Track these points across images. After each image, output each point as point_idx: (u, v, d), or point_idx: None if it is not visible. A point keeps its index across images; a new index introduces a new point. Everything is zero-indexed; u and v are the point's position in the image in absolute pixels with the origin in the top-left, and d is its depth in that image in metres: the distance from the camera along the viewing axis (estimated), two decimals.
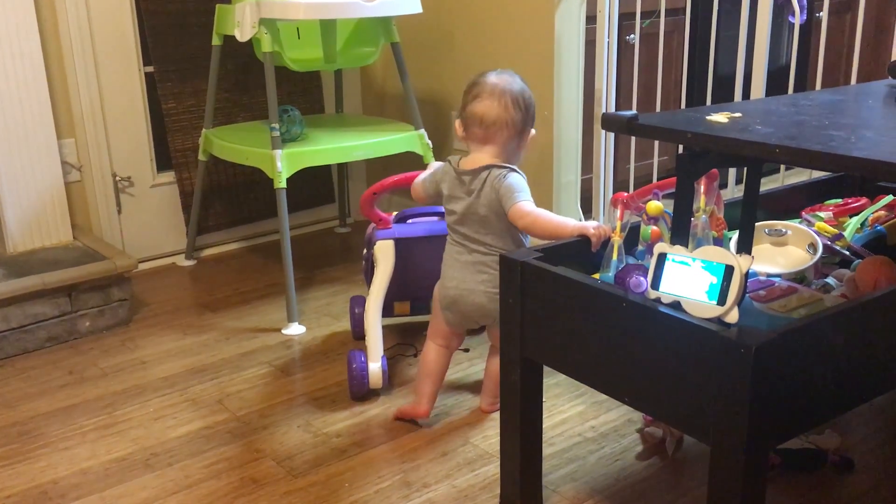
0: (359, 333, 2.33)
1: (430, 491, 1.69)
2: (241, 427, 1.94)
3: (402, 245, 2.08)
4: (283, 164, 2.40)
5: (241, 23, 2.42)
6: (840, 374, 1.24)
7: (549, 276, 1.37)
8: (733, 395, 1.11)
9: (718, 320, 1.16)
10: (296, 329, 2.44)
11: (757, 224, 1.58)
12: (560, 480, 1.71)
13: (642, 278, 1.27)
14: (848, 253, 1.68)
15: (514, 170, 1.73)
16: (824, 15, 2.24)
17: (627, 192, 1.59)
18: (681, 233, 1.32)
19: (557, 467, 1.75)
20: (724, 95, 2.40)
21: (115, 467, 1.80)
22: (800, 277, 1.57)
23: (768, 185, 1.97)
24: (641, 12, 2.55)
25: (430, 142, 2.69)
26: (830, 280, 1.58)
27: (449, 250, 1.82)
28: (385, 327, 2.13)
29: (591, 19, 2.58)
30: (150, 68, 2.90)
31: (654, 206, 1.48)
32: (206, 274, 2.93)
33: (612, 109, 2.62)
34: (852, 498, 1.63)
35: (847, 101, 1.58)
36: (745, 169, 1.43)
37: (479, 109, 1.72)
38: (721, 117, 1.33)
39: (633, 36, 2.63)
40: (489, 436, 1.85)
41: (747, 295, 1.39)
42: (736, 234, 1.57)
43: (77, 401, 2.08)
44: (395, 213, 2.14)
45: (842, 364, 1.24)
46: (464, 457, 1.80)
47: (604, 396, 1.93)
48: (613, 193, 1.56)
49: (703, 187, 1.45)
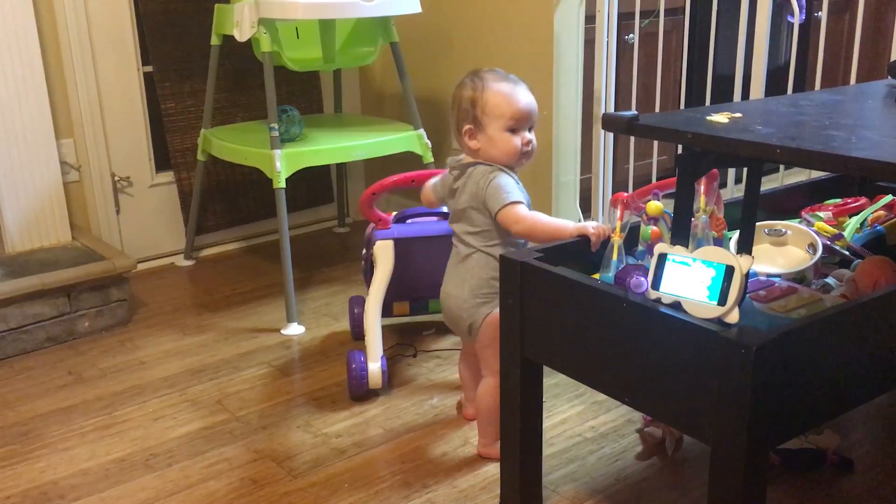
0: (358, 333, 2.33)
1: (429, 491, 1.69)
2: (240, 427, 1.94)
3: (401, 245, 2.08)
4: (282, 164, 2.40)
5: (239, 22, 2.42)
6: (840, 374, 1.24)
7: (548, 276, 1.37)
8: (733, 396, 1.11)
9: (719, 321, 1.15)
10: (295, 329, 2.44)
11: (757, 224, 1.58)
12: (560, 481, 1.71)
13: (642, 279, 1.26)
14: (848, 253, 1.68)
15: (502, 170, 1.68)
16: (823, 14, 2.25)
17: (627, 192, 1.59)
18: (681, 233, 1.32)
19: (557, 467, 1.75)
20: (723, 95, 2.40)
21: (115, 468, 1.80)
22: (800, 277, 1.57)
23: (768, 184, 1.97)
24: (640, 12, 2.54)
25: (429, 142, 2.69)
26: (830, 280, 1.58)
27: (451, 252, 1.82)
28: (384, 327, 2.13)
29: (591, 19, 2.58)
30: (149, 68, 2.89)
31: (654, 206, 1.48)
32: (205, 274, 2.93)
33: (611, 109, 2.62)
34: (851, 497, 1.63)
35: (847, 101, 1.58)
36: (745, 169, 1.43)
37: None
38: (721, 117, 1.33)
39: (632, 36, 2.63)
40: None
41: (747, 295, 1.39)
42: (736, 235, 1.57)
43: (76, 401, 2.08)
44: (394, 213, 2.13)
45: (842, 364, 1.24)
46: (463, 457, 1.80)
47: (603, 397, 1.93)
48: (613, 193, 1.56)
49: (703, 187, 1.44)
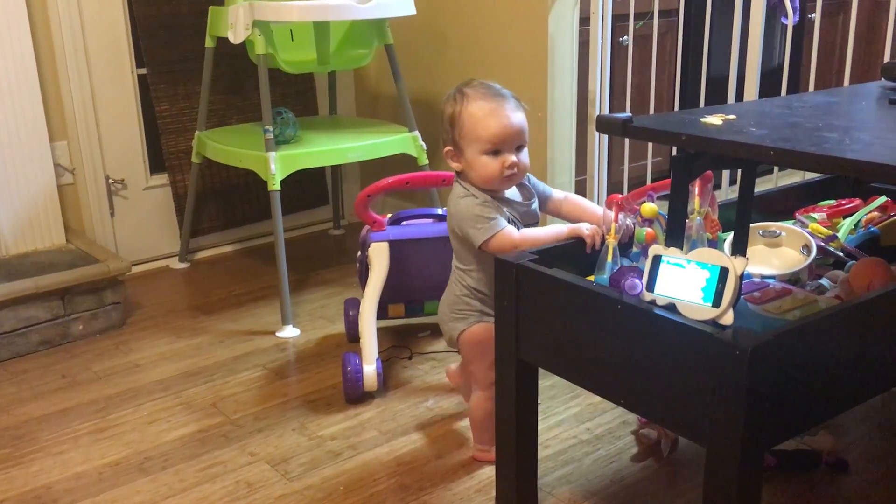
0: (353, 336, 2.33)
1: (425, 494, 1.69)
2: (235, 430, 1.94)
3: (396, 247, 2.07)
4: (277, 167, 2.40)
5: (234, 25, 2.42)
6: (835, 375, 1.24)
7: (544, 278, 1.37)
8: (729, 397, 1.11)
9: (713, 322, 1.16)
10: (290, 331, 2.43)
11: (751, 226, 1.58)
12: (555, 483, 1.71)
13: (637, 280, 1.26)
14: (842, 254, 1.68)
15: (475, 196, 1.60)
16: (817, 16, 2.25)
17: (622, 193, 1.59)
18: (675, 234, 1.32)
19: (553, 469, 1.75)
20: (717, 97, 2.40)
21: (109, 471, 1.80)
22: (794, 279, 1.57)
23: (762, 186, 1.97)
24: (635, 14, 2.55)
25: (424, 144, 2.69)
26: (824, 281, 1.58)
27: None
28: (380, 329, 2.13)
29: (585, 21, 2.58)
30: (143, 70, 2.89)
31: (649, 207, 1.48)
32: (199, 277, 2.92)
33: (605, 111, 2.63)
34: (846, 499, 1.63)
35: (840, 102, 1.58)
36: (740, 171, 1.43)
37: None
38: (715, 119, 1.34)
39: (626, 38, 2.63)
40: None
41: (742, 297, 1.39)
42: (730, 236, 1.57)
43: (70, 405, 2.07)
44: (389, 216, 2.13)
45: (836, 365, 1.24)
46: (459, 459, 1.80)
47: (599, 399, 1.93)
48: (608, 195, 1.56)
49: (697, 189, 1.45)
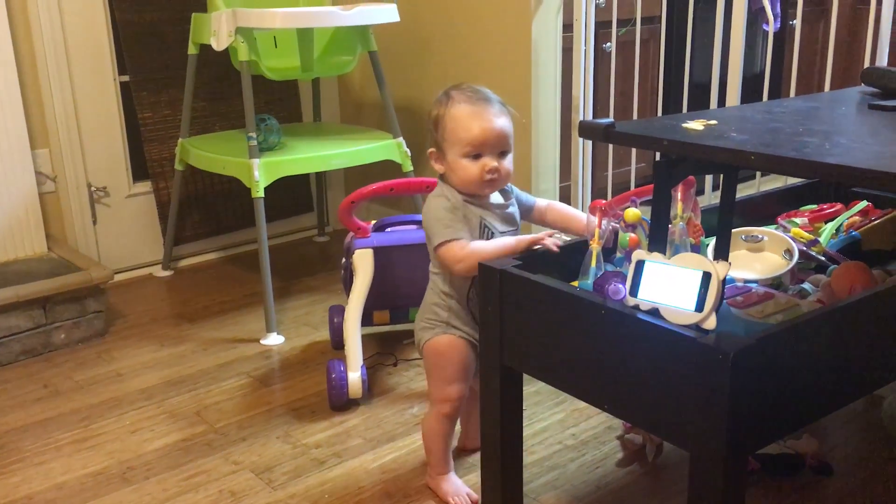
0: (338, 343, 2.32)
1: (410, 501, 1.68)
2: (219, 439, 1.93)
3: (380, 254, 2.07)
4: (261, 174, 2.39)
5: (217, 32, 2.41)
6: (817, 378, 1.25)
7: (527, 283, 1.37)
8: (712, 401, 1.11)
9: (696, 327, 1.16)
10: (274, 339, 2.42)
11: (734, 230, 1.59)
12: (541, 489, 1.71)
13: (621, 285, 1.27)
14: (823, 258, 1.70)
15: (449, 198, 1.57)
16: (798, 23, 2.27)
17: (605, 199, 1.60)
18: (658, 239, 1.32)
19: (538, 475, 1.75)
20: (699, 103, 2.41)
21: (91, 482, 1.78)
22: (776, 283, 1.58)
23: (744, 191, 1.98)
24: (618, 20, 2.56)
25: (408, 150, 2.69)
26: (806, 285, 1.59)
27: None
28: (364, 336, 2.12)
29: (568, 27, 2.59)
30: (126, 77, 2.88)
31: (632, 213, 1.48)
32: (183, 284, 2.91)
33: (589, 117, 2.63)
34: (830, 502, 1.64)
35: (821, 107, 1.59)
36: (722, 176, 1.43)
37: None
38: (697, 124, 1.34)
39: (609, 44, 2.65)
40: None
41: (725, 301, 1.39)
42: (713, 241, 1.58)
43: (52, 414, 2.05)
44: (373, 222, 2.13)
45: (819, 369, 1.25)
46: None
47: (583, 404, 1.93)
48: (591, 201, 1.56)
49: (680, 194, 1.45)
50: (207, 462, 1.83)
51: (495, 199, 1.63)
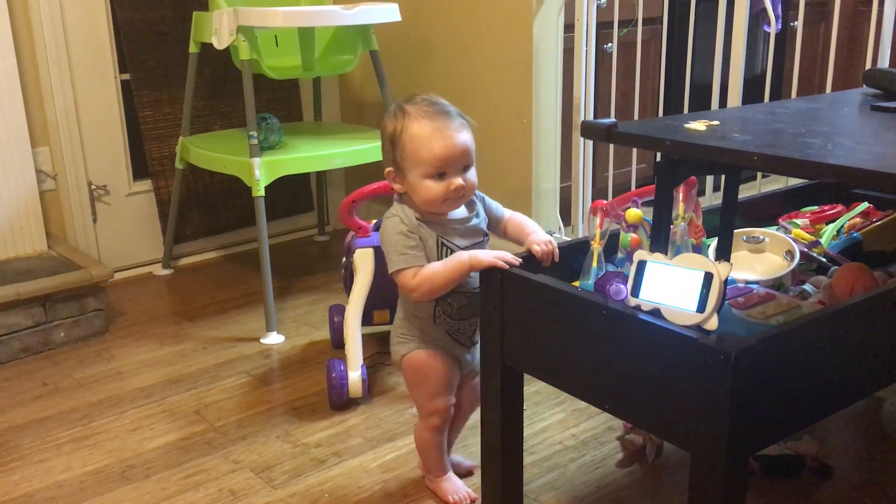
0: (338, 342, 2.32)
1: (411, 501, 1.68)
2: (218, 438, 1.92)
3: (381, 253, 2.06)
4: (262, 173, 2.39)
5: (218, 30, 2.41)
6: (818, 380, 1.25)
7: (528, 283, 1.37)
8: (713, 402, 1.11)
9: (698, 327, 1.16)
10: (274, 338, 2.42)
11: (735, 231, 1.59)
12: (541, 489, 1.70)
13: (622, 286, 1.27)
14: (825, 260, 1.70)
15: (403, 221, 1.50)
16: (799, 24, 2.27)
17: (606, 199, 1.59)
18: (660, 240, 1.32)
19: (538, 476, 1.75)
20: (701, 103, 2.41)
21: (91, 480, 1.78)
22: (777, 284, 1.58)
23: (745, 192, 1.98)
24: (619, 21, 2.56)
25: None
26: (808, 287, 1.59)
27: None
28: (365, 336, 2.12)
29: (569, 28, 2.59)
30: (126, 76, 2.87)
31: (634, 213, 1.48)
32: (183, 283, 2.91)
33: (590, 118, 2.63)
34: (831, 503, 1.64)
35: (822, 108, 1.59)
36: (724, 176, 1.43)
37: None
38: (699, 125, 1.34)
39: (610, 45, 2.65)
40: (469, 444, 1.85)
41: (726, 302, 1.39)
42: (714, 242, 1.58)
43: (52, 412, 2.05)
44: (374, 221, 2.13)
45: (820, 370, 1.24)
46: None
47: (584, 404, 1.93)
48: (592, 201, 1.56)
49: (681, 195, 1.45)
50: (207, 461, 1.83)
51: (457, 213, 1.54)
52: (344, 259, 2.21)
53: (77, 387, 2.18)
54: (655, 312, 1.20)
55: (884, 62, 2.13)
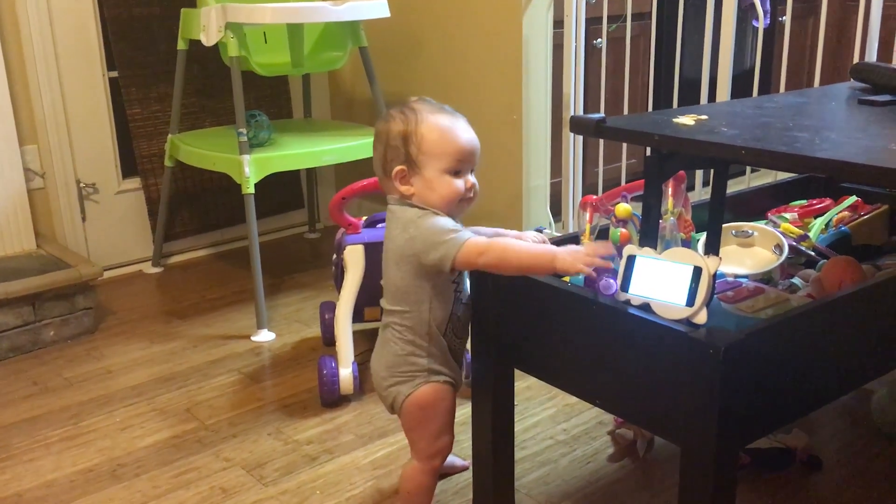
0: (329, 339, 2.32)
1: None
2: (209, 436, 1.92)
3: (371, 250, 2.07)
4: (251, 170, 2.38)
5: (206, 27, 2.40)
6: (807, 373, 1.25)
7: (519, 279, 1.37)
8: (702, 396, 1.12)
9: (687, 321, 1.16)
10: (265, 336, 2.42)
11: (724, 226, 1.59)
12: (532, 484, 1.71)
13: (612, 280, 1.27)
14: (813, 253, 1.70)
15: (436, 213, 1.41)
16: (787, 19, 2.27)
17: (596, 195, 1.60)
18: (649, 235, 1.33)
19: (529, 471, 1.75)
20: (690, 98, 2.42)
21: (81, 479, 1.77)
22: (766, 278, 1.59)
23: (734, 187, 1.99)
24: (608, 17, 2.56)
25: None
26: (796, 280, 1.60)
27: None
28: (356, 333, 2.12)
29: (559, 24, 2.59)
30: (115, 73, 2.86)
31: (623, 208, 1.49)
32: (173, 281, 2.90)
33: (579, 113, 2.64)
34: (820, 496, 1.65)
35: (810, 103, 1.60)
36: (712, 171, 1.44)
37: None
38: (687, 119, 1.34)
39: (599, 40, 2.65)
40: (460, 440, 1.84)
41: (715, 296, 1.40)
42: (703, 236, 1.58)
43: (41, 412, 2.04)
44: (364, 218, 2.13)
45: (809, 363, 1.25)
46: None
47: (575, 399, 1.93)
48: (582, 196, 1.56)
49: (670, 189, 1.45)
50: (198, 459, 1.83)
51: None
52: (334, 256, 2.21)
53: (67, 386, 2.17)
54: (645, 307, 1.21)
55: (871, 56, 2.13)
